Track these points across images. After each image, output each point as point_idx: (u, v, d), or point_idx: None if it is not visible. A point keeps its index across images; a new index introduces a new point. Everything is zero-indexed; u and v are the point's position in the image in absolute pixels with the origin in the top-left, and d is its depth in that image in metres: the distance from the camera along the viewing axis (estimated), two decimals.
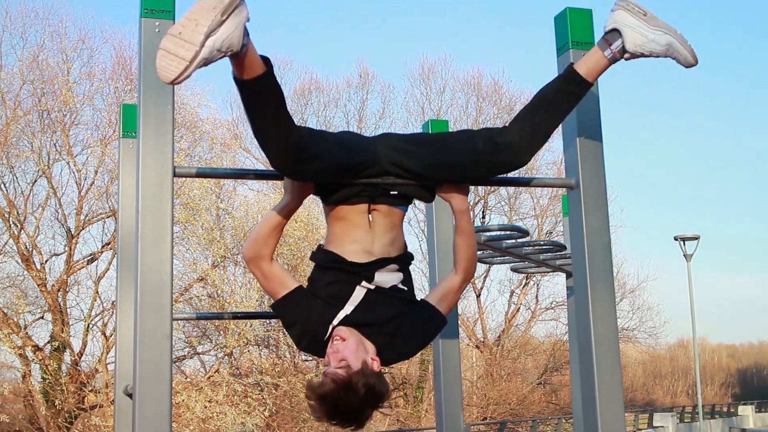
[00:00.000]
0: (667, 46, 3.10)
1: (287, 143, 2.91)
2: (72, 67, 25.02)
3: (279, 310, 3.25)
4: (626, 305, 37.31)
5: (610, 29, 3.11)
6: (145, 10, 3.09)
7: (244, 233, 24.82)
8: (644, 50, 3.10)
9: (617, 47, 3.10)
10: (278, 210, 3.19)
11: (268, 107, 2.84)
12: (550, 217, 34.28)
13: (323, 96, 34.51)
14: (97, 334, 24.69)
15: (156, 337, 2.87)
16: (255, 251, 3.17)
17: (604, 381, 3.24)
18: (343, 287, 3.20)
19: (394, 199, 3.32)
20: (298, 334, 3.23)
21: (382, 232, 3.27)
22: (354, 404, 2.97)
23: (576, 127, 3.41)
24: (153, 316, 2.88)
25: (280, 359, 27.01)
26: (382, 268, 3.24)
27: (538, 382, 36.54)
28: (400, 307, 3.25)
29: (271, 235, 3.19)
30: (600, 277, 3.33)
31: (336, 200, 3.27)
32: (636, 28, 3.07)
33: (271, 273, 3.19)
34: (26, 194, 24.39)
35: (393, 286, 3.26)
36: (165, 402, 2.87)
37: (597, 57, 3.14)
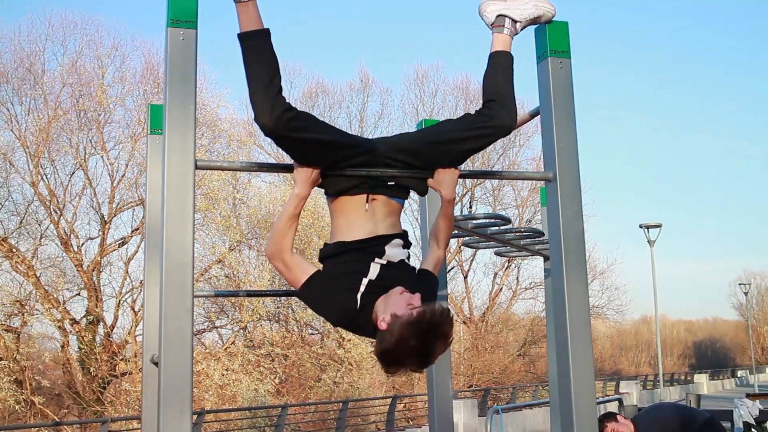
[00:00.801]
0: (534, 7, 3.44)
1: (276, 102, 3.00)
2: (106, 71, 25.08)
3: (304, 294, 3.18)
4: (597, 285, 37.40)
5: (496, 17, 3.43)
6: (171, 20, 3.08)
7: (257, 221, 24.86)
8: (525, 15, 3.43)
9: (509, 24, 3.41)
10: (290, 202, 3.17)
11: (264, 63, 3.02)
12: (529, 207, 34.30)
13: (328, 98, 34.58)
14: (126, 309, 24.77)
15: (179, 311, 2.86)
16: (275, 247, 3.14)
17: (577, 353, 3.23)
18: (358, 265, 3.15)
19: (392, 190, 3.31)
20: (328, 312, 3.17)
21: (382, 218, 3.27)
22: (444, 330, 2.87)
23: (553, 127, 3.40)
24: (176, 293, 2.87)
25: (289, 332, 27.03)
26: (389, 242, 3.23)
27: (518, 354, 36.61)
28: (410, 276, 3.23)
29: (288, 228, 3.15)
30: (574, 261, 3.32)
31: (337, 191, 3.26)
32: (510, 8, 3.43)
33: (292, 262, 3.14)
34: (65, 185, 24.43)
35: (401, 260, 3.24)
36: (187, 370, 2.86)
37: (503, 37, 3.42)
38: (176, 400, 2.84)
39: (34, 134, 23.45)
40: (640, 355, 71.75)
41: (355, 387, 26.49)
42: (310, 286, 3.14)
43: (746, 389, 45.90)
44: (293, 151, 3.17)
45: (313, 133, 3.08)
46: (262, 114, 3.00)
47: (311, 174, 3.15)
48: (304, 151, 3.14)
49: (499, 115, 3.29)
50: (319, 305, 3.17)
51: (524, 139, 33.50)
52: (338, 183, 3.25)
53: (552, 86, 3.43)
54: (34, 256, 23.44)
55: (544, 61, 3.49)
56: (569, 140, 3.41)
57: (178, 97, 3.00)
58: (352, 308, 3.08)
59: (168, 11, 3.10)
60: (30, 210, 23.95)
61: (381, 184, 3.28)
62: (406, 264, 3.26)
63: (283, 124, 2.99)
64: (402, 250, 3.27)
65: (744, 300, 63.75)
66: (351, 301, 3.08)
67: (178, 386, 2.85)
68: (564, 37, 3.52)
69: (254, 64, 3.04)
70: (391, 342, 2.86)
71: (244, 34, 3.04)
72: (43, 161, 23.66)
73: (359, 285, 3.10)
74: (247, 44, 3.04)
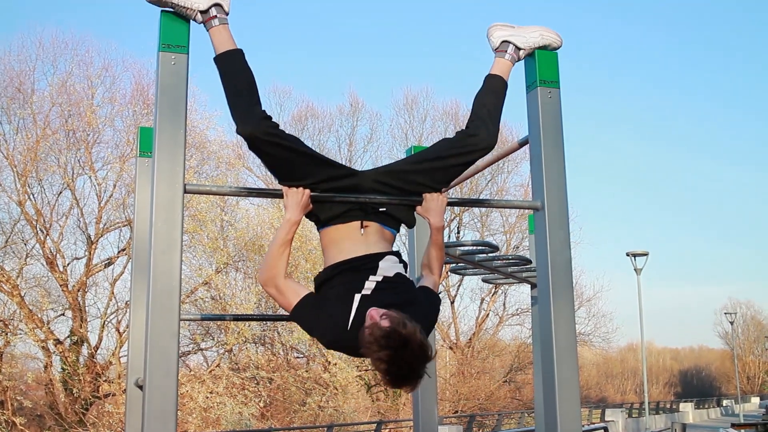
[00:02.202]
0: (540, 36, 3.55)
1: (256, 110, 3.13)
2: (96, 92, 25.05)
3: (297, 315, 3.15)
4: (583, 312, 37.36)
5: (500, 42, 3.56)
6: (162, 45, 3.09)
7: (245, 243, 24.79)
8: (529, 44, 3.54)
9: (512, 50, 3.54)
10: (281, 229, 3.17)
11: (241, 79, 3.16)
12: (517, 233, 34.29)
13: (318, 122, 34.58)
14: (111, 330, 24.63)
15: (165, 336, 2.85)
16: (268, 273, 3.15)
17: (563, 380, 3.23)
18: (352, 283, 3.14)
19: (384, 219, 3.33)
20: (321, 332, 3.13)
21: (375, 242, 3.28)
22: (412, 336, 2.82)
23: (542, 156, 3.42)
24: (163, 317, 2.86)
25: (274, 356, 26.91)
26: (382, 258, 3.23)
27: (504, 380, 36.49)
28: (409, 289, 3.23)
29: (280, 254, 3.14)
30: (561, 289, 3.33)
31: (330, 217, 3.27)
32: (516, 34, 3.54)
33: (285, 287, 3.14)
34: (52, 204, 24.33)
35: (397, 273, 3.23)
36: (172, 394, 2.85)
37: (502, 62, 3.54)
38: (160, 425, 2.83)
39: (22, 153, 23.37)
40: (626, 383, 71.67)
41: (340, 411, 26.36)
42: (302, 307, 3.13)
43: (731, 419, 45.90)
44: (275, 162, 3.19)
45: (293, 143, 3.16)
46: (244, 122, 3.09)
47: (301, 198, 3.16)
48: (285, 162, 3.17)
49: (478, 134, 3.39)
50: (312, 325, 3.14)
51: (512, 165, 33.61)
52: (330, 209, 3.26)
53: (541, 116, 3.46)
54: (19, 275, 23.28)
55: (534, 91, 3.51)
56: (557, 170, 3.43)
57: (169, 122, 3.00)
58: (344, 326, 3.05)
59: (160, 35, 3.11)
60: (16, 229, 23.84)
61: (372, 211, 3.29)
62: (402, 276, 3.25)
63: (263, 130, 3.08)
64: (397, 264, 3.27)
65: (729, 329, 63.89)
66: (344, 320, 3.05)
67: (162, 411, 2.83)
68: (553, 67, 3.55)
69: (231, 80, 3.16)
70: (371, 360, 2.87)
71: (219, 55, 3.18)
72: (31, 180, 23.60)
73: (352, 301, 3.08)
74: (223, 64, 3.17)
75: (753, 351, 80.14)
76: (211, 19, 3.19)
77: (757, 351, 79.33)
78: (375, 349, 2.82)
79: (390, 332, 2.82)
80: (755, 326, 79.24)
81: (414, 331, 2.84)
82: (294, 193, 3.16)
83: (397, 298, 3.07)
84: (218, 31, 3.20)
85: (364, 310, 3.04)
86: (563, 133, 3.50)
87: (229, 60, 3.18)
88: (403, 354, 2.81)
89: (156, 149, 2.97)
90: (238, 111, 3.12)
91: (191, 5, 3.15)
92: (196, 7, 3.16)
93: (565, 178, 3.44)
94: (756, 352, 79.73)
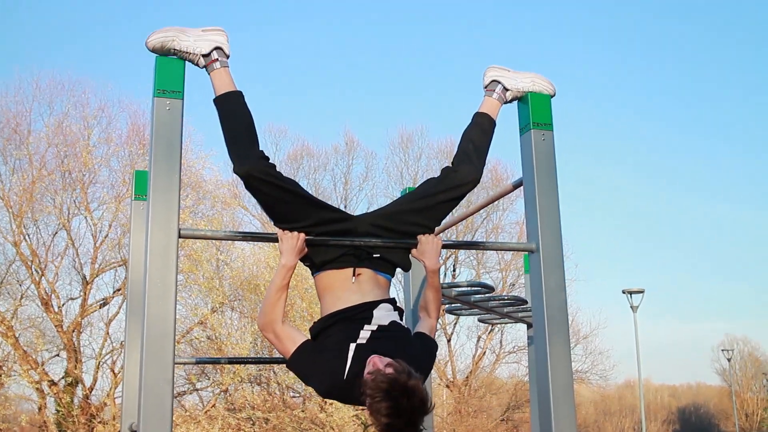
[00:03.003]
0: (531, 82, 3.61)
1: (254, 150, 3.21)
2: (92, 132, 25.05)
3: (293, 366, 3.15)
4: (580, 350, 37.15)
5: (490, 81, 3.66)
6: (158, 90, 3.11)
7: (240, 282, 24.71)
8: (518, 87, 3.61)
9: (500, 90, 3.62)
10: (277, 274, 3.17)
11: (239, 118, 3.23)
12: (513, 270, 34.21)
13: (313, 161, 34.62)
14: (106, 371, 24.43)
15: (159, 382, 2.84)
16: (266, 318, 3.15)
17: (560, 418, 3.22)
18: (347, 332, 3.13)
19: (378, 264, 3.33)
20: (316, 382, 3.13)
21: (369, 290, 3.27)
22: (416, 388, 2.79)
23: (536, 198, 3.43)
24: (157, 363, 2.85)
25: (270, 396, 26.71)
26: (376, 307, 3.22)
27: (501, 419, 36.22)
28: (404, 338, 3.21)
29: (277, 300, 3.15)
30: (557, 329, 3.32)
31: (323, 262, 3.27)
32: (507, 77, 3.62)
33: (282, 333, 3.14)
34: (47, 245, 24.25)
35: (392, 321, 3.23)
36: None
37: (490, 101, 3.64)
38: None
39: (17, 194, 23.36)
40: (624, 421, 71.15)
41: None
42: (299, 356, 3.12)
43: None
44: (271, 201, 3.23)
45: (289, 185, 3.21)
46: (241, 161, 3.14)
47: (296, 243, 3.16)
48: (280, 202, 3.20)
49: (459, 169, 3.48)
50: (308, 374, 3.14)
51: (508, 203, 33.59)
52: (325, 253, 3.26)
53: (535, 158, 3.47)
54: (13, 316, 23.17)
55: (527, 133, 3.53)
56: (552, 211, 3.44)
57: (164, 166, 3.01)
58: (340, 375, 3.03)
59: (155, 81, 3.13)
60: (11, 270, 23.76)
61: (366, 257, 3.29)
62: (397, 324, 3.24)
63: (261, 169, 3.14)
64: (392, 312, 3.26)
65: (727, 365, 63.72)
66: (339, 370, 3.04)
67: None
68: (546, 110, 3.57)
69: (231, 121, 3.22)
70: (369, 408, 2.83)
71: (219, 97, 3.24)
72: (26, 221, 23.54)
73: (348, 351, 3.06)
74: (223, 105, 3.23)
75: (751, 388, 79.70)
76: (212, 63, 3.26)
77: (755, 388, 78.90)
78: (377, 398, 2.79)
79: (394, 381, 2.79)
80: (752, 363, 78.88)
81: (417, 383, 2.82)
82: (289, 237, 3.16)
83: (392, 347, 3.05)
84: (219, 74, 3.26)
85: (359, 359, 3.02)
86: (557, 174, 3.51)
87: (229, 101, 3.24)
88: (406, 405, 2.78)
89: (151, 194, 2.98)
90: (236, 151, 3.18)
91: (194, 50, 3.20)
92: (198, 51, 3.21)
93: (560, 219, 3.45)
94: (754, 388, 79.30)
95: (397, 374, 2.81)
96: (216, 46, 3.25)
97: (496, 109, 3.62)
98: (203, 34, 3.24)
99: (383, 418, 2.78)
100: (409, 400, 2.78)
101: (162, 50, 3.19)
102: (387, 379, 2.80)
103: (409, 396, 2.78)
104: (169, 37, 3.17)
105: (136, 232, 4.72)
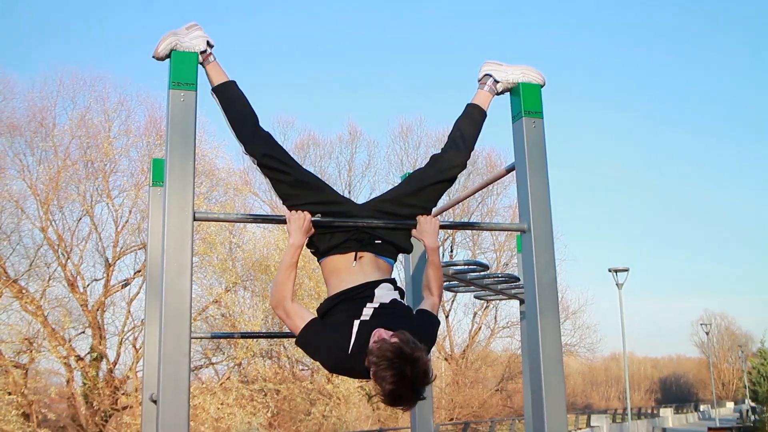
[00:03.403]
0: (521, 74, 3.60)
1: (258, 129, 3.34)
2: (112, 125, 25.06)
3: (301, 343, 3.13)
4: (569, 325, 37.26)
5: (482, 75, 3.65)
6: (172, 83, 3.10)
7: (252, 263, 24.75)
8: (508, 79, 3.60)
9: (491, 83, 3.61)
10: (286, 253, 3.16)
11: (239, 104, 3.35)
12: (507, 251, 34.22)
13: (319, 150, 34.62)
14: (128, 346, 24.51)
15: (177, 355, 2.83)
16: (277, 296, 3.13)
17: (550, 388, 3.22)
18: (350, 311, 3.12)
19: (379, 249, 3.32)
20: (323, 357, 3.11)
21: (371, 272, 3.27)
22: (420, 358, 2.80)
23: (527, 182, 3.41)
24: (174, 338, 2.84)
25: (281, 369, 26.80)
26: (377, 286, 3.21)
27: (496, 389, 36.36)
28: (405, 315, 3.19)
29: (287, 278, 3.14)
30: (547, 305, 3.32)
31: (328, 248, 3.28)
32: (499, 70, 3.61)
33: (292, 310, 3.12)
34: (72, 230, 24.30)
35: (393, 299, 3.21)
36: (184, 409, 2.83)
37: (481, 93, 3.65)
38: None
39: (44, 183, 23.38)
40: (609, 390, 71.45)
41: (343, 420, 26.22)
42: (306, 334, 3.10)
43: (708, 423, 45.67)
44: (279, 176, 3.29)
45: (293, 163, 3.34)
46: (251, 141, 3.28)
47: (303, 222, 3.16)
48: (286, 179, 3.27)
49: (447, 154, 3.54)
50: (315, 352, 3.12)
51: (501, 188, 33.59)
52: (330, 239, 3.27)
53: (526, 144, 3.46)
54: (42, 296, 23.23)
55: (519, 121, 3.52)
56: (542, 194, 3.42)
57: (179, 155, 3.00)
58: (344, 352, 3.02)
59: (170, 74, 3.12)
60: (39, 253, 23.79)
61: (369, 242, 3.29)
62: (398, 302, 3.23)
63: (269, 147, 3.28)
64: (392, 292, 3.25)
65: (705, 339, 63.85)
66: (344, 345, 3.02)
67: (175, 425, 2.81)
68: (537, 98, 3.55)
69: (231, 107, 3.32)
70: (374, 376, 2.82)
71: (218, 86, 3.34)
72: (53, 208, 23.59)
73: (352, 327, 3.05)
74: (222, 94, 3.34)
75: (727, 359, 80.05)
76: (208, 57, 3.33)
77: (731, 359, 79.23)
78: (382, 365, 2.79)
79: (399, 350, 2.79)
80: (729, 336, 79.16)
81: (421, 354, 2.83)
82: (296, 218, 3.16)
83: (395, 323, 3.02)
84: (214, 66, 3.36)
85: (363, 335, 3.01)
86: (547, 159, 3.49)
87: (228, 89, 3.35)
88: (409, 373, 2.78)
89: (167, 180, 2.97)
90: (244, 134, 3.30)
91: (194, 49, 3.23)
92: (197, 49, 3.23)
93: (550, 201, 3.44)
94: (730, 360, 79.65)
95: (402, 344, 2.81)
96: (207, 42, 3.31)
97: (487, 100, 3.62)
98: (190, 32, 3.28)
99: (387, 386, 2.78)
100: (413, 369, 2.78)
101: (165, 58, 3.24)
102: (392, 348, 2.80)
103: (413, 364, 2.78)
104: (172, 43, 3.21)
105: (154, 217, 4.71)
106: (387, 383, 2.79)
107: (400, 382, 2.78)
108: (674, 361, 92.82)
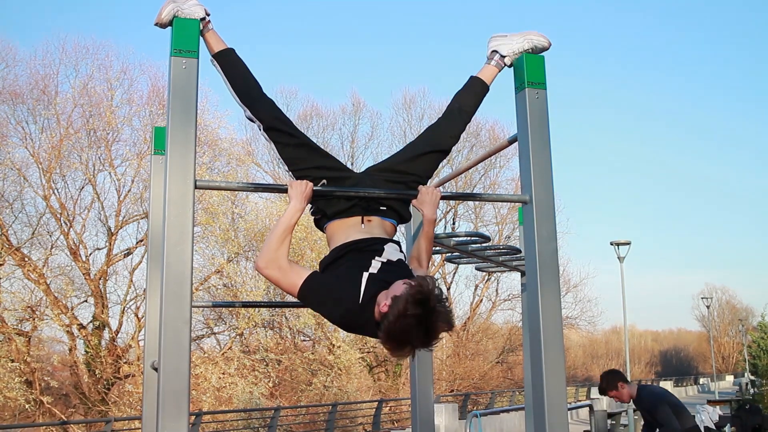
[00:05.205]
0: (524, 40, 3.55)
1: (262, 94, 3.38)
2: (115, 93, 25.00)
3: (304, 294, 3.01)
4: (570, 298, 37.39)
5: (490, 52, 3.61)
6: (174, 50, 3.09)
7: (254, 234, 24.80)
8: (513, 49, 3.55)
9: (497, 58, 3.57)
10: (285, 215, 3.11)
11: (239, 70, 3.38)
12: (508, 223, 34.26)
13: (322, 121, 34.52)
14: (130, 315, 24.65)
15: (178, 322, 2.84)
16: (270, 255, 3.02)
17: (550, 361, 3.23)
18: (359, 261, 3.07)
19: (384, 213, 3.33)
20: (330, 309, 3.03)
21: (378, 233, 3.27)
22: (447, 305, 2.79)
23: (530, 153, 3.40)
24: (175, 305, 2.85)
25: (282, 339, 26.93)
26: (386, 243, 3.20)
27: (496, 361, 36.54)
28: (411, 275, 3.09)
29: (283, 239, 3.05)
30: (548, 277, 3.32)
31: (334, 212, 3.27)
32: (503, 43, 3.57)
33: (287, 267, 3.01)
34: (75, 199, 24.34)
35: (399, 259, 3.19)
36: (184, 376, 2.84)
37: (487, 67, 3.62)
38: (174, 405, 2.82)
39: (46, 151, 23.37)
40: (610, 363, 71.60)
41: (344, 391, 26.39)
42: (310, 285, 3.01)
43: (708, 396, 45.91)
44: (284, 140, 3.32)
45: (297, 129, 3.37)
46: (256, 107, 3.32)
47: (304, 188, 3.14)
48: (291, 143, 3.31)
49: (441, 125, 3.53)
50: (320, 303, 3.05)
51: (504, 161, 33.52)
52: (338, 204, 3.26)
53: (529, 115, 3.44)
54: (45, 264, 23.32)
55: (522, 92, 3.50)
56: (544, 166, 3.41)
57: (180, 122, 3.00)
58: (354, 303, 2.96)
59: (172, 41, 3.11)
60: (42, 222, 23.84)
61: (374, 207, 3.29)
62: (404, 263, 3.22)
63: (274, 111, 3.33)
64: (398, 252, 3.24)
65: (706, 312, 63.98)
66: (354, 296, 2.96)
67: (176, 392, 2.83)
68: (540, 69, 3.53)
69: (233, 71, 3.36)
70: (393, 319, 2.75)
71: (218, 53, 3.37)
72: (55, 176, 23.58)
73: (361, 279, 2.99)
74: (223, 60, 3.37)
75: (728, 333, 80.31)
76: (207, 24, 3.33)
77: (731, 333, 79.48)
78: (407, 305, 2.73)
79: (427, 289, 2.75)
80: (730, 310, 79.35)
81: (445, 299, 2.82)
82: (298, 184, 3.15)
83: (399, 278, 2.94)
84: (213, 34, 3.37)
85: (372, 287, 2.96)
86: (550, 131, 3.48)
87: (228, 55, 3.38)
88: (433, 313, 2.75)
89: (168, 148, 2.96)
90: (249, 96, 3.34)
91: (195, 16, 3.23)
92: (198, 16, 3.24)
93: (552, 173, 3.43)
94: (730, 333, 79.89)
95: (429, 285, 2.78)
96: (205, 10, 3.29)
97: (492, 75, 3.60)
98: (188, 0, 3.25)
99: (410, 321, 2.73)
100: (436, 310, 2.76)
101: (167, 24, 3.22)
102: (420, 286, 2.76)
103: (435, 303, 2.75)
104: (174, 9, 3.18)
105: (156, 185, 4.70)
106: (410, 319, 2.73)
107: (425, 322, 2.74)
108: (675, 334, 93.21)
